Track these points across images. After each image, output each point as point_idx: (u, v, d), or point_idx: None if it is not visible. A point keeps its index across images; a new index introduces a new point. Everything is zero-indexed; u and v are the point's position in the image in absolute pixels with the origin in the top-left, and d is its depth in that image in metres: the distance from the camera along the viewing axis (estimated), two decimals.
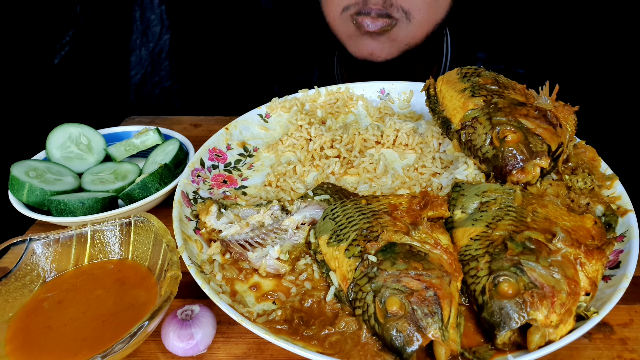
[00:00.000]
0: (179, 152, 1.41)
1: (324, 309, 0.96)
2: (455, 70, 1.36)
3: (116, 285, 1.01)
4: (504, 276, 0.88)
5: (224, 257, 1.10)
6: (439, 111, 1.31)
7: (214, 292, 0.95)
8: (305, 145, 1.43)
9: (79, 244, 1.06)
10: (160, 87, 2.52)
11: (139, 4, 2.38)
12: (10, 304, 0.97)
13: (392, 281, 0.88)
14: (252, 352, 0.95)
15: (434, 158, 1.34)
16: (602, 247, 0.96)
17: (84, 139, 1.47)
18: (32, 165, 1.35)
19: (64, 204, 1.21)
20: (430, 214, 1.06)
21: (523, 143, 1.11)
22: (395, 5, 1.61)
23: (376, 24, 1.61)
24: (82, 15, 2.25)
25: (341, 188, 1.28)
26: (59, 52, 2.24)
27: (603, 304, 0.88)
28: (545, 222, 0.98)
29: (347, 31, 1.72)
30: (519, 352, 0.85)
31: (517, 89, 1.25)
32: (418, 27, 1.66)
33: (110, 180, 1.39)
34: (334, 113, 1.59)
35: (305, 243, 1.10)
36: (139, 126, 1.57)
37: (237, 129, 1.49)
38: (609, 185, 1.16)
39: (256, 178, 1.38)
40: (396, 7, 1.61)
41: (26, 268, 1.02)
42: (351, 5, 1.66)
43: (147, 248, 1.05)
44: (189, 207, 1.21)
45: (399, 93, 1.63)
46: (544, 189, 1.13)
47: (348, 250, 0.97)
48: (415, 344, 0.83)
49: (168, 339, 0.93)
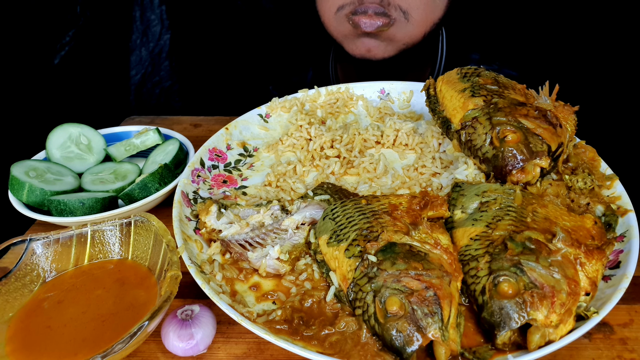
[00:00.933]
0: (179, 152, 1.41)
1: (324, 309, 0.96)
2: (455, 70, 1.36)
3: (116, 285, 1.01)
4: (504, 276, 0.88)
5: (224, 257, 1.10)
6: (439, 111, 1.31)
7: (214, 292, 0.95)
8: (305, 145, 1.43)
9: (79, 244, 1.06)
10: (160, 87, 2.52)
11: (139, 4, 2.38)
12: (10, 304, 0.97)
13: (392, 281, 0.88)
14: (252, 352, 0.95)
15: (434, 158, 1.34)
16: (602, 247, 0.96)
17: (84, 139, 1.47)
18: (32, 165, 1.35)
19: (64, 204, 1.21)
20: (430, 214, 1.06)
21: (523, 143, 1.11)
22: (393, 4, 1.59)
23: (373, 23, 1.59)
24: (82, 15, 2.25)
25: (341, 188, 1.28)
26: (59, 52, 2.24)
27: (603, 304, 0.88)
28: (545, 222, 0.98)
29: (342, 31, 1.70)
30: (519, 352, 0.85)
31: (517, 89, 1.25)
32: (416, 26, 1.65)
33: (110, 180, 1.39)
34: (334, 113, 1.59)
35: (305, 243, 1.10)
36: (139, 126, 1.57)
37: (237, 129, 1.49)
38: (609, 185, 1.16)
39: (256, 178, 1.38)
40: (394, 6, 1.59)
41: (26, 268, 1.02)
42: (346, 5, 1.63)
43: (147, 248, 1.05)
44: (189, 207, 1.21)
45: (399, 93, 1.63)
46: (544, 189, 1.13)
47: (348, 250, 0.97)
48: (415, 344, 0.83)
49: (168, 339, 0.93)
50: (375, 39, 1.66)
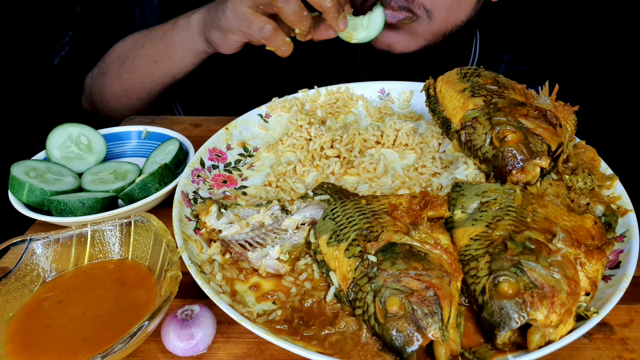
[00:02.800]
0: (179, 152, 1.41)
1: (324, 309, 0.96)
2: (455, 70, 1.36)
3: (116, 285, 1.01)
4: (504, 276, 0.88)
5: (224, 257, 1.10)
6: (439, 111, 1.31)
7: (214, 292, 0.95)
8: (305, 145, 1.43)
9: (79, 244, 1.06)
10: None
11: (139, 4, 2.38)
12: (10, 304, 0.97)
13: (392, 281, 0.88)
14: (252, 352, 0.95)
15: (434, 158, 1.34)
16: (602, 247, 0.96)
17: (84, 139, 1.47)
18: (32, 165, 1.35)
19: (64, 204, 1.21)
20: (430, 214, 1.06)
21: (523, 143, 1.11)
22: (417, 2, 1.59)
23: (395, 15, 1.58)
24: (82, 15, 2.25)
25: (341, 188, 1.28)
26: (59, 52, 2.24)
27: (603, 304, 0.88)
28: (545, 222, 0.98)
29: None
30: (519, 352, 0.85)
31: (517, 89, 1.25)
32: (437, 25, 1.65)
33: (110, 180, 1.39)
34: (334, 113, 1.59)
35: (305, 243, 1.10)
36: (139, 126, 1.56)
37: (237, 129, 1.49)
38: (609, 185, 1.16)
39: (256, 178, 1.38)
40: (417, 3, 1.59)
41: (26, 268, 1.02)
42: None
43: (147, 248, 1.05)
44: (189, 207, 1.21)
45: (399, 93, 1.63)
46: (544, 189, 1.13)
47: (348, 250, 0.97)
48: (415, 344, 0.83)
49: (168, 339, 0.93)
50: (395, 32, 1.66)
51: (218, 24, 1.53)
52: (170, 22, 1.74)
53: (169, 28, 1.72)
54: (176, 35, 1.70)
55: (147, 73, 1.79)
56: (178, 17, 1.72)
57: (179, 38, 1.70)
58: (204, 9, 1.65)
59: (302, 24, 1.42)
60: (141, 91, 1.83)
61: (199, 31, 1.64)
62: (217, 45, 1.58)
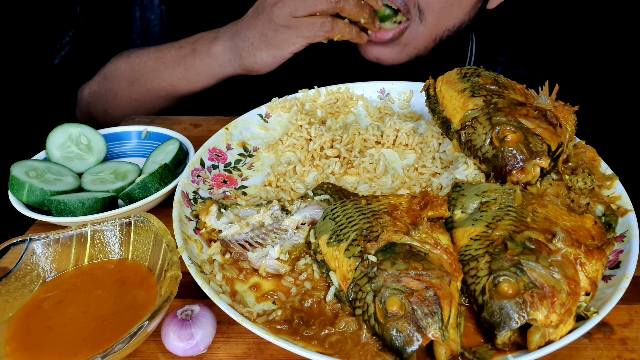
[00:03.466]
0: (179, 152, 1.41)
1: (324, 309, 0.96)
2: (455, 70, 1.36)
3: (116, 285, 1.01)
4: (504, 276, 0.88)
5: (224, 257, 1.10)
6: (439, 111, 1.31)
7: (214, 292, 0.95)
8: (305, 145, 1.43)
9: (79, 244, 1.06)
10: None
11: (139, 4, 2.37)
12: (10, 304, 0.97)
13: (392, 281, 0.88)
14: (252, 352, 0.95)
15: (434, 158, 1.34)
16: (602, 247, 0.96)
17: (84, 139, 1.47)
18: (32, 165, 1.35)
19: (64, 204, 1.21)
20: (430, 214, 1.06)
21: (523, 143, 1.11)
22: (413, 0, 1.60)
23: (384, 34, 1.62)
24: (82, 15, 2.25)
25: (341, 188, 1.28)
26: (59, 52, 2.24)
27: (603, 304, 0.88)
28: (545, 222, 0.98)
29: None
30: (519, 352, 0.85)
31: (516, 89, 1.25)
32: (428, 29, 1.65)
33: (110, 180, 1.39)
34: (334, 113, 1.59)
35: (305, 243, 1.10)
36: (139, 126, 1.57)
37: (237, 129, 1.49)
38: (609, 185, 1.16)
39: (256, 178, 1.38)
40: (413, 2, 1.60)
41: (26, 268, 1.02)
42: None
43: (147, 248, 1.05)
44: (189, 207, 1.21)
45: (399, 93, 1.63)
46: (544, 189, 1.13)
47: (348, 250, 0.97)
48: (415, 344, 0.83)
49: (168, 339, 0.93)
50: (384, 46, 1.67)
51: (270, 42, 1.54)
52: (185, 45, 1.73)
53: (188, 54, 1.71)
54: (198, 63, 1.69)
55: (163, 95, 1.80)
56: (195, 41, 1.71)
57: (202, 66, 1.69)
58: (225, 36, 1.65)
59: (364, 14, 1.48)
60: (153, 110, 1.85)
61: (228, 59, 1.65)
62: (261, 65, 1.61)
